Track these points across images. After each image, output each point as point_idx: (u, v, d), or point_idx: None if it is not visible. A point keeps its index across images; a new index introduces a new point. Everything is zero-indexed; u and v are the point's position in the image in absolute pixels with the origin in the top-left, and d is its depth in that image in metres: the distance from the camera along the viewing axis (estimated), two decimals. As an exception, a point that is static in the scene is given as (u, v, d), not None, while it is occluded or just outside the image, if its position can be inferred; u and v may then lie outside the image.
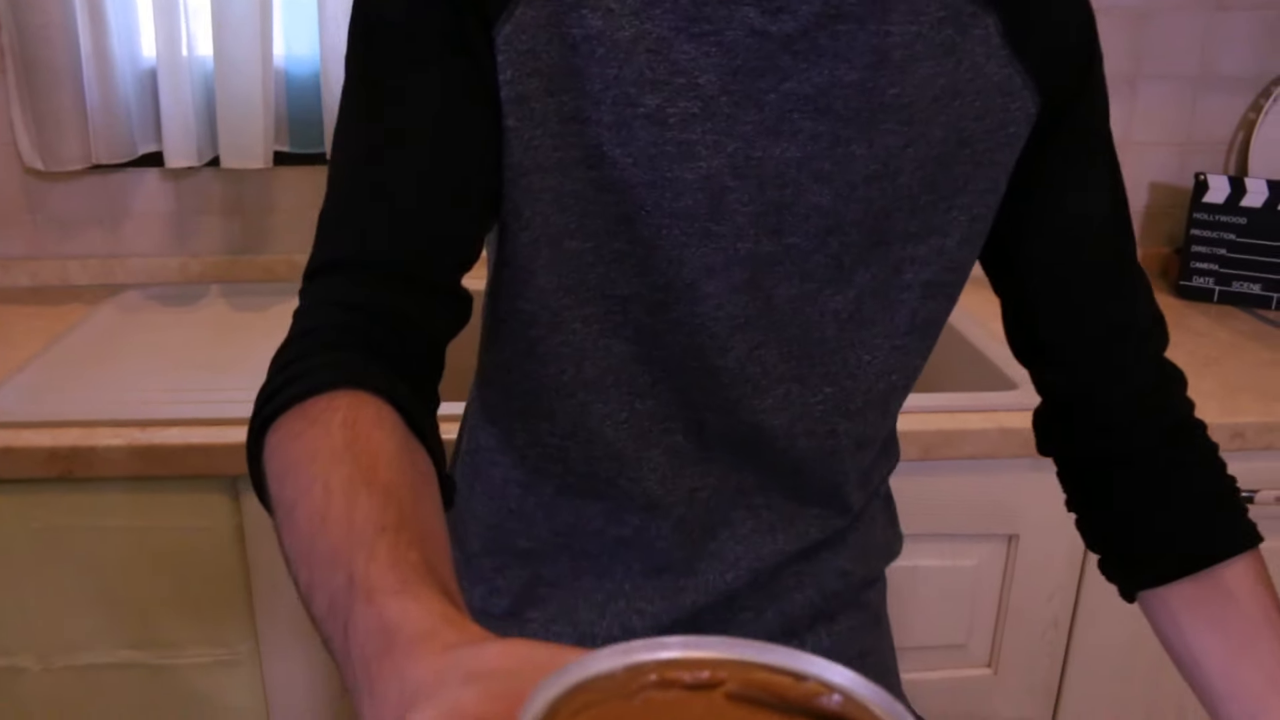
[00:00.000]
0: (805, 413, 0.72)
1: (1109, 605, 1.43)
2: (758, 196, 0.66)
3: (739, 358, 0.69)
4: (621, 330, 0.69)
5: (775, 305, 0.69)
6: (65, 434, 1.27)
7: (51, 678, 1.37)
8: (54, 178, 1.73)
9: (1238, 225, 1.78)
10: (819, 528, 0.79)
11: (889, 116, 0.65)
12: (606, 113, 0.64)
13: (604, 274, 0.68)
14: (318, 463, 0.51)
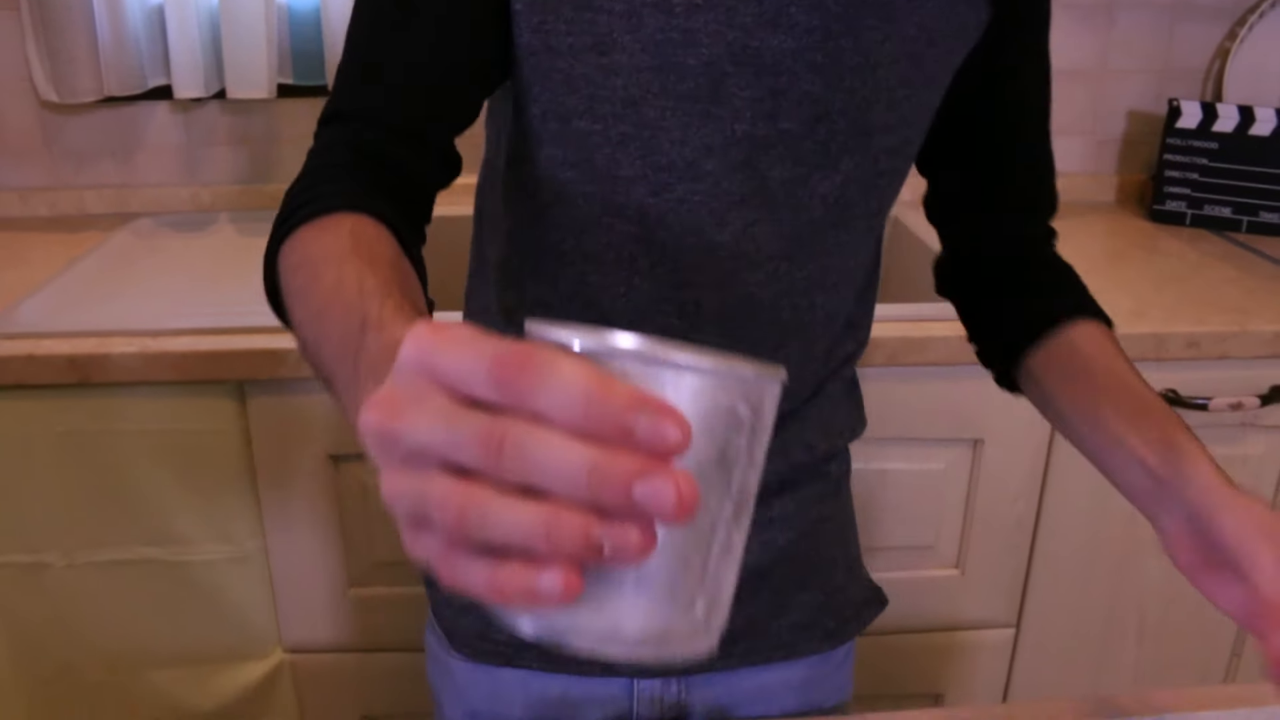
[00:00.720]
0: (791, 286, 0.79)
1: (1072, 507, 1.52)
2: (754, 83, 0.71)
3: (735, 233, 0.76)
4: (624, 210, 0.75)
5: (769, 185, 0.75)
6: (82, 343, 1.35)
7: (74, 573, 1.47)
8: (68, 110, 1.81)
9: (1210, 150, 1.83)
10: (788, 399, 0.85)
11: (871, 13, 0.72)
12: (617, 1, 0.69)
13: (610, 155, 0.73)
14: (330, 255, 0.58)
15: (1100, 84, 1.95)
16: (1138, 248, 1.78)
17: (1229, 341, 1.44)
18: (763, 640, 0.91)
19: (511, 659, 0.90)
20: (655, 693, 0.91)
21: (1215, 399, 1.46)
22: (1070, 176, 2.00)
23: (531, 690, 0.91)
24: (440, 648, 0.95)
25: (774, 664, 0.93)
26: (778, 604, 0.91)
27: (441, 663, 0.96)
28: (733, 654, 0.90)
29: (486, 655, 0.91)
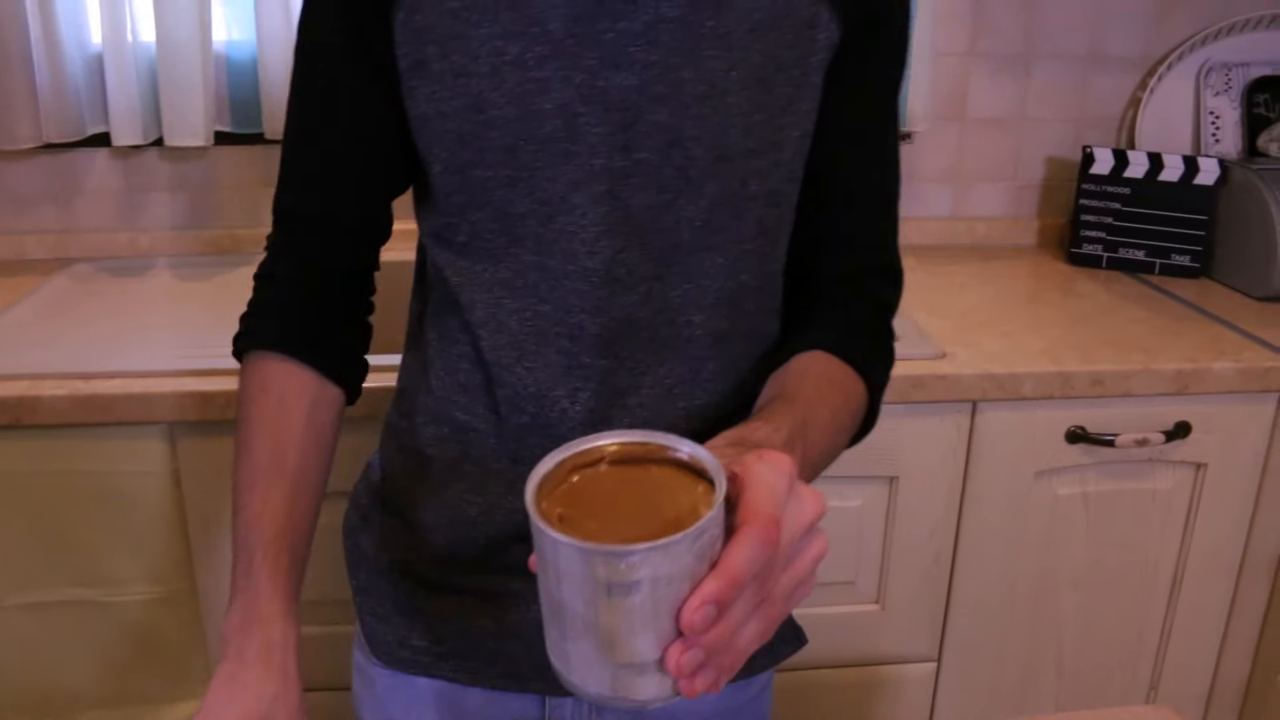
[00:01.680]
0: (665, 306, 0.84)
1: (987, 543, 1.56)
2: (605, 119, 0.79)
3: (605, 259, 0.82)
4: (524, 240, 0.83)
5: (633, 213, 0.82)
6: (13, 385, 1.37)
7: (4, 614, 1.48)
8: (8, 156, 1.83)
9: (1122, 195, 1.90)
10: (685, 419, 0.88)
11: (710, 44, 0.79)
12: (483, 64, 0.79)
13: (503, 195, 0.82)
14: (258, 435, 0.84)
15: (1019, 131, 2.02)
16: (1055, 289, 1.84)
17: (1132, 379, 1.49)
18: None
19: (428, 669, 0.95)
20: (566, 712, 0.95)
21: (1121, 435, 1.51)
22: (993, 221, 2.06)
23: (446, 702, 0.96)
24: (364, 658, 0.99)
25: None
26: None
27: (364, 673, 1.00)
28: None
29: (404, 664, 0.95)
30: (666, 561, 0.51)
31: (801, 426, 0.73)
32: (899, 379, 1.44)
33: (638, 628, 0.52)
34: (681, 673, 0.53)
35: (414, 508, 0.93)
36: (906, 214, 2.00)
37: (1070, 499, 1.56)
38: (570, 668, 0.55)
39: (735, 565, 0.52)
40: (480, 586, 0.92)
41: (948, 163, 2.03)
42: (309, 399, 0.87)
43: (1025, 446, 1.51)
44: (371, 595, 0.97)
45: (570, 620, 0.53)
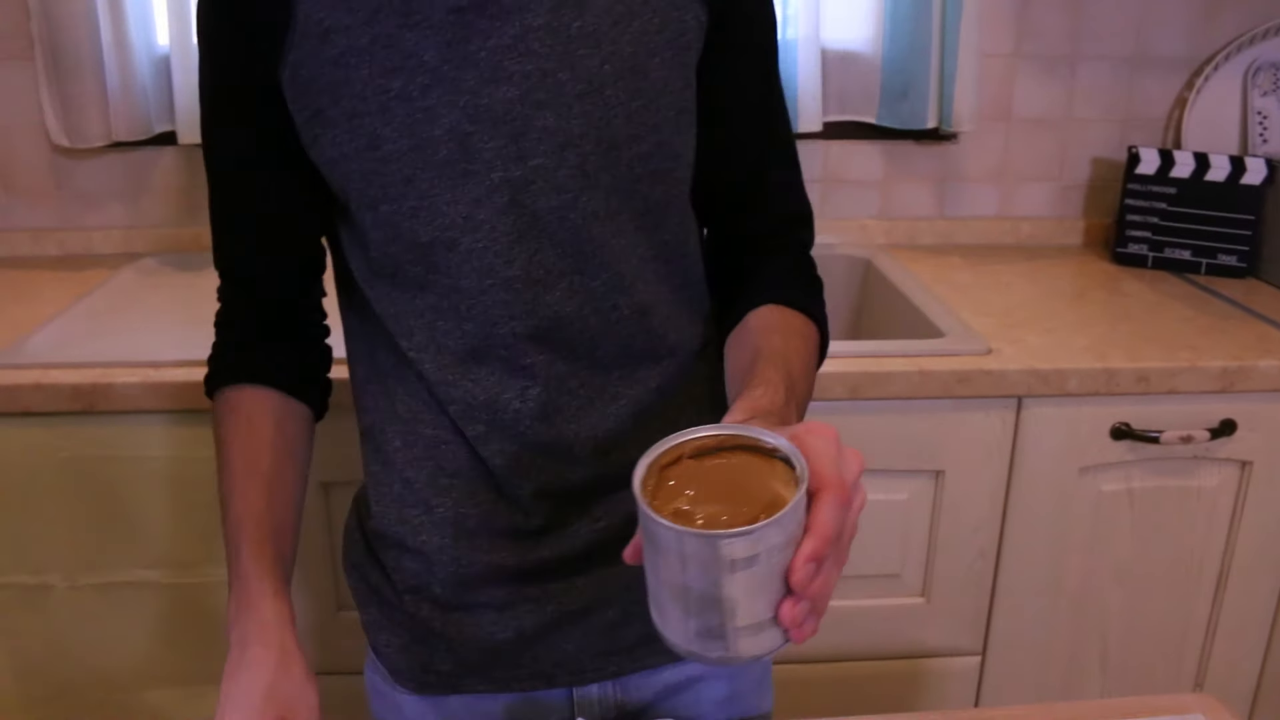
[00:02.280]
0: (589, 295, 0.88)
1: (1032, 537, 1.58)
2: (494, 133, 0.82)
3: (523, 265, 0.86)
4: (438, 266, 0.86)
5: (540, 216, 0.85)
6: (88, 373, 1.43)
7: (76, 594, 1.54)
8: (78, 155, 1.90)
9: (1168, 195, 1.91)
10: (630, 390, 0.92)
11: (580, 44, 0.82)
12: (372, 103, 0.82)
13: (410, 227, 0.85)
14: (232, 448, 0.93)
15: (1065, 132, 2.04)
16: (1100, 288, 1.85)
17: (1178, 377, 1.51)
18: None
19: (456, 686, 0.98)
20: (593, 696, 0.99)
21: (1166, 432, 1.53)
22: (1038, 221, 2.08)
23: (478, 713, 0.99)
24: (385, 684, 1.01)
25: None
26: None
27: (388, 698, 1.02)
28: (658, 650, 0.97)
29: (431, 687, 0.98)
30: (778, 532, 0.59)
31: (788, 380, 0.81)
32: (945, 374, 1.47)
33: (756, 593, 0.60)
34: (795, 623, 0.61)
35: (415, 534, 0.96)
36: (953, 214, 2.04)
37: (1115, 495, 1.58)
38: (693, 639, 0.63)
39: (824, 525, 0.61)
40: (494, 599, 0.95)
41: (993, 163, 2.04)
42: (275, 413, 0.94)
43: (1070, 442, 1.53)
44: (385, 629, 0.99)
45: (695, 599, 0.61)
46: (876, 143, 2.01)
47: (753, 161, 0.96)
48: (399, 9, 0.81)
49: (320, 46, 0.82)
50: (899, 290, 1.78)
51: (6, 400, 1.42)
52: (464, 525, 0.94)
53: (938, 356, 1.49)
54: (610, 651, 0.97)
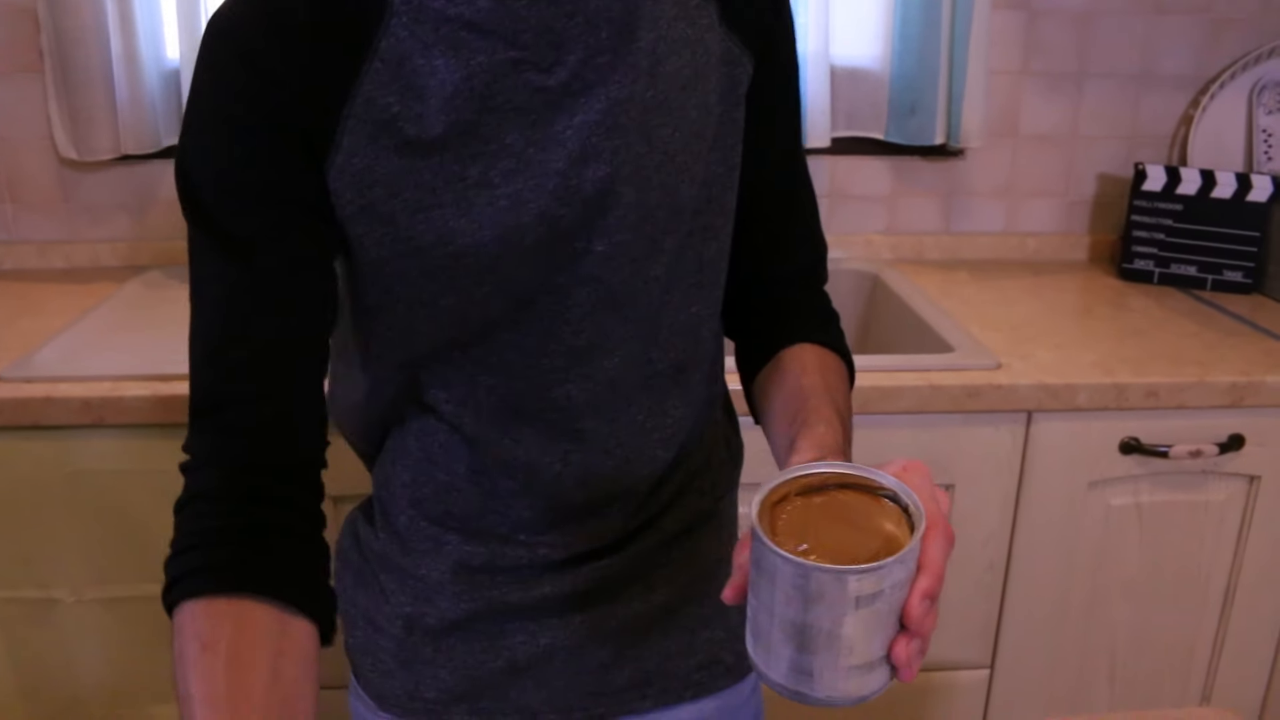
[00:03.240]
0: (637, 357, 0.87)
1: (1041, 550, 1.58)
2: (583, 214, 0.79)
3: (590, 337, 0.84)
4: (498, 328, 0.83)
5: (614, 290, 0.83)
6: (97, 386, 1.43)
7: (83, 608, 1.53)
8: (86, 168, 1.90)
9: (1174, 211, 1.92)
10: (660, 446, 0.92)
11: (655, 115, 0.80)
12: (444, 194, 0.76)
13: (479, 316, 0.81)
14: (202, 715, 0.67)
15: (1071, 148, 2.04)
16: (1106, 304, 1.86)
17: (1187, 392, 1.51)
18: (674, 680, 0.98)
19: (441, 715, 0.95)
20: None
21: (1175, 446, 1.53)
22: (1044, 236, 2.08)
23: None
24: (368, 710, 0.99)
25: (685, 702, 0.99)
26: (686, 643, 0.98)
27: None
28: (647, 695, 0.97)
29: (417, 713, 0.96)
30: (901, 570, 0.60)
31: (840, 417, 0.81)
32: (955, 388, 1.47)
33: (874, 631, 0.61)
34: (907, 663, 0.62)
35: (417, 564, 0.94)
36: (960, 229, 2.05)
37: (1124, 509, 1.58)
38: (801, 678, 0.63)
39: (936, 563, 0.62)
40: (488, 629, 0.94)
41: (1000, 179, 2.05)
42: (269, 650, 0.70)
43: (1079, 457, 1.53)
44: (370, 653, 0.96)
45: (811, 636, 0.61)
46: (884, 158, 2.02)
47: (783, 209, 0.95)
48: (479, 93, 0.75)
49: (380, 134, 0.75)
50: (907, 305, 1.78)
51: (16, 413, 1.42)
52: (469, 563, 0.92)
53: (948, 371, 1.49)
54: (599, 693, 0.96)
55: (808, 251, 0.98)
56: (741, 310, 0.99)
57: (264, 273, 0.76)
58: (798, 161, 0.96)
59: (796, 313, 0.96)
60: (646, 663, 0.96)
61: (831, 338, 0.94)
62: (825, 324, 0.96)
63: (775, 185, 0.94)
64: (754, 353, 0.96)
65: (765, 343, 0.95)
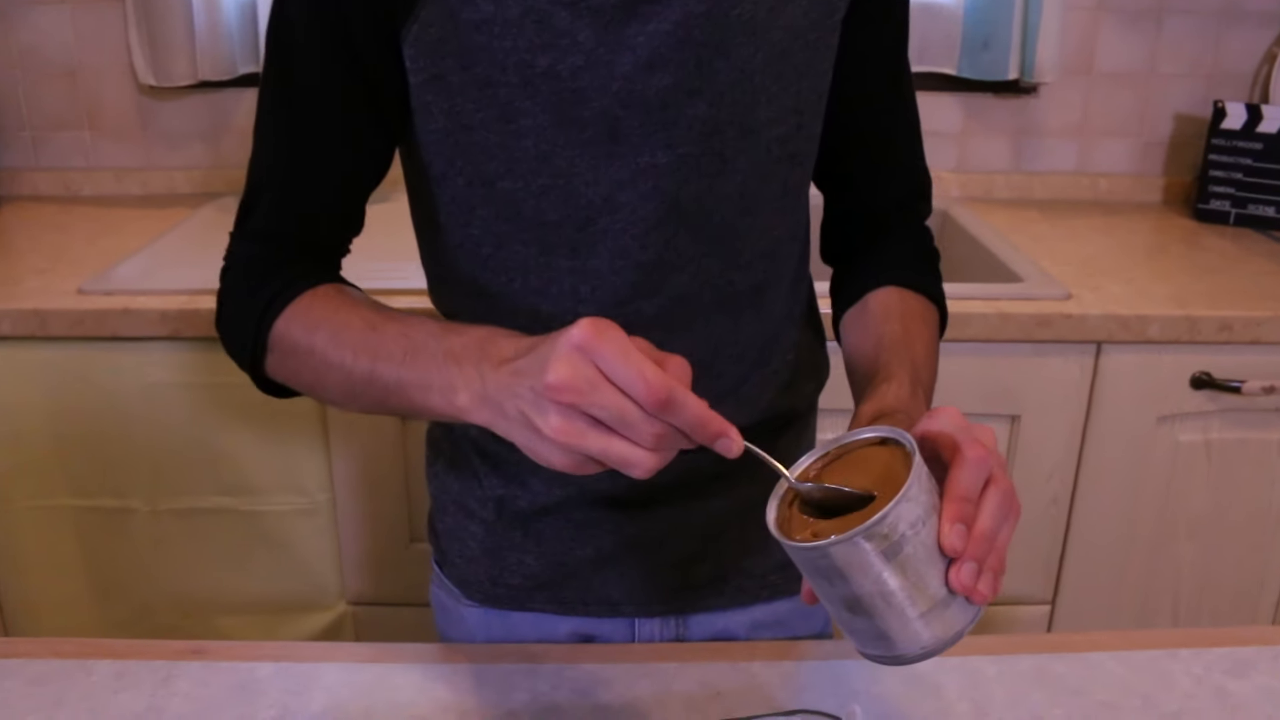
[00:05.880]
0: (710, 277, 0.87)
1: (1106, 486, 1.57)
2: (646, 120, 0.79)
3: (658, 250, 0.84)
4: (558, 248, 0.84)
5: (681, 203, 0.83)
6: (173, 300, 1.46)
7: (156, 519, 1.57)
8: (164, 95, 1.93)
9: (1254, 150, 1.88)
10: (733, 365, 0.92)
11: (738, 31, 0.80)
12: (513, 75, 0.77)
13: (535, 205, 0.81)
14: (340, 309, 0.77)
15: (1147, 87, 2.00)
16: (1180, 243, 1.82)
17: (1263, 326, 1.48)
18: (751, 580, 0.99)
19: (523, 603, 0.97)
20: (655, 631, 0.98)
21: (1248, 382, 1.50)
22: (1116, 177, 2.05)
23: (544, 631, 0.98)
24: (450, 599, 1.01)
25: (760, 602, 1.00)
26: (763, 543, 0.98)
27: (453, 613, 1.02)
28: (724, 593, 0.98)
29: (500, 600, 0.98)
30: (911, 507, 0.59)
31: (913, 369, 0.81)
32: (1024, 317, 1.46)
33: (923, 574, 0.60)
34: (967, 588, 0.61)
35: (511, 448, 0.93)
36: (1030, 168, 2.02)
37: (1192, 446, 1.56)
38: (893, 645, 0.62)
39: (958, 485, 0.61)
40: (576, 517, 0.94)
41: (1074, 117, 2.02)
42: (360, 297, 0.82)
43: (1149, 391, 1.51)
44: (458, 538, 0.98)
45: (872, 605, 0.61)
46: (955, 95, 1.99)
47: (884, 135, 0.94)
48: None
49: (461, 7, 0.77)
50: (976, 239, 1.76)
51: (96, 325, 1.45)
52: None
53: (1018, 300, 1.48)
54: (679, 587, 0.97)
55: (906, 183, 0.97)
56: (837, 240, 0.98)
57: (326, 107, 0.82)
58: (901, 86, 0.94)
59: (891, 248, 0.95)
60: (725, 560, 0.97)
61: (924, 280, 0.93)
62: (920, 264, 0.95)
63: (874, 110, 0.92)
64: (846, 287, 0.95)
65: (857, 278, 0.94)
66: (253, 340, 0.81)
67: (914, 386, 0.79)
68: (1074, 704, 0.87)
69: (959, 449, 0.62)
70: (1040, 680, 0.89)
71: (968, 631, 0.63)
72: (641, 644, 0.98)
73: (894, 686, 0.88)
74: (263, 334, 0.81)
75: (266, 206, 0.86)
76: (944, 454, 0.63)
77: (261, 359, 0.82)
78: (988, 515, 0.62)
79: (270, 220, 0.86)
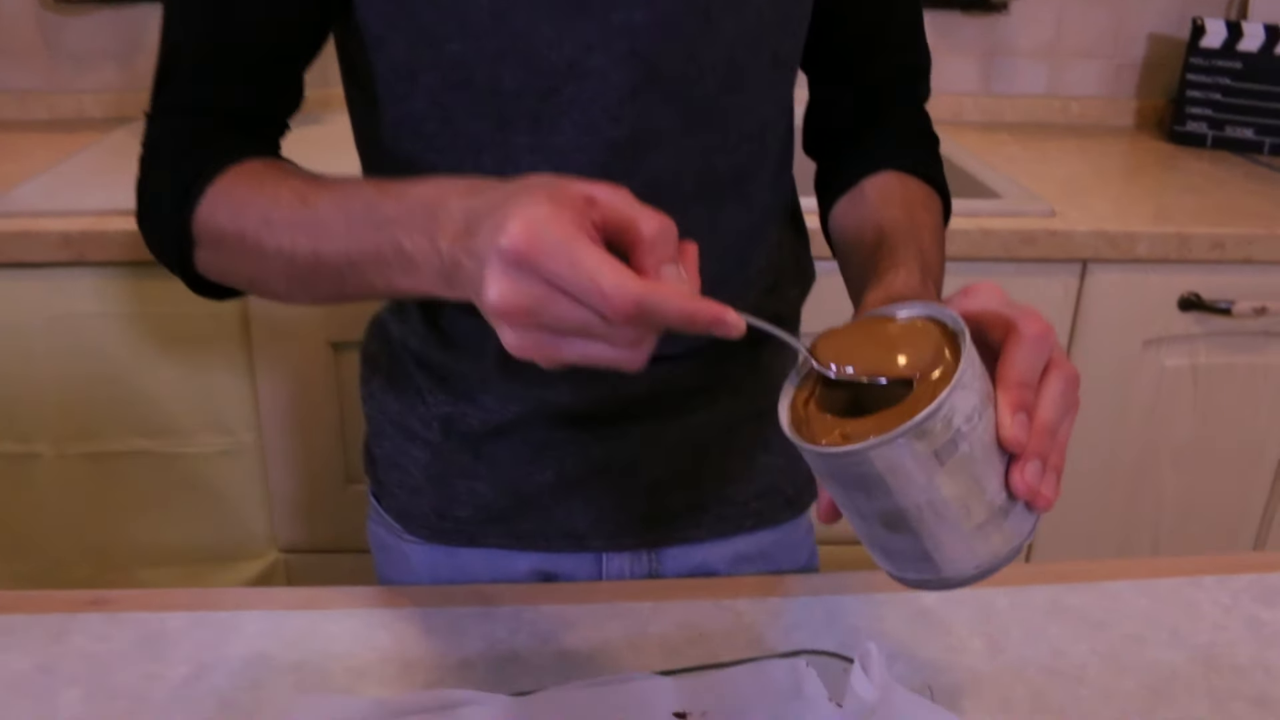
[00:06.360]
0: (690, 159, 0.76)
1: (1089, 411, 1.48)
2: None
3: (632, 126, 0.72)
4: (516, 123, 0.72)
5: (660, 71, 0.71)
6: (77, 221, 1.32)
7: (65, 464, 1.44)
8: (69, 11, 1.77)
9: (1233, 70, 1.80)
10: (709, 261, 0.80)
11: None
12: None
13: (489, 71, 0.70)
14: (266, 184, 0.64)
15: (1122, 6, 1.92)
16: (1158, 165, 1.75)
17: (1255, 244, 1.41)
18: (731, 507, 0.88)
19: (474, 538, 0.86)
20: (624, 567, 0.88)
21: (1238, 303, 1.43)
22: (1087, 100, 1.97)
23: (498, 570, 0.87)
24: (390, 536, 0.90)
25: (742, 533, 0.90)
26: (745, 466, 0.88)
27: (394, 552, 0.90)
28: (702, 523, 0.87)
29: (447, 535, 0.87)
30: (966, 395, 0.49)
31: (921, 258, 0.70)
32: (1007, 233, 1.37)
33: (981, 473, 0.50)
34: (1031, 490, 0.51)
35: (459, 358, 0.83)
36: (1000, 91, 1.93)
37: (1178, 371, 1.48)
38: (942, 565, 0.53)
39: (1017, 368, 0.51)
40: (535, 436, 0.83)
41: (1045, 37, 1.93)
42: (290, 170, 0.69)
43: (1135, 312, 1.43)
44: (398, 465, 0.87)
45: (919, 519, 0.51)
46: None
47: (882, 3, 0.83)
48: None
49: None
50: (948, 159, 1.66)
51: (-10, 250, 1.31)
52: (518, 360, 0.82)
53: (1000, 217, 1.39)
54: (653, 516, 0.86)
55: (906, 57, 0.86)
56: (825, 127, 0.87)
57: None
58: None
59: (888, 130, 0.85)
60: (704, 486, 0.87)
61: (926, 165, 0.83)
62: (920, 147, 0.84)
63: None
64: (835, 177, 0.84)
65: (849, 165, 0.83)
66: (176, 231, 0.68)
67: (924, 276, 0.68)
68: (1098, 638, 0.78)
69: (1014, 325, 0.52)
70: (1057, 613, 0.80)
71: (1025, 546, 0.53)
72: (610, 582, 0.87)
73: (897, 624, 0.78)
74: (186, 222, 0.67)
75: (184, 74, 0.73)
76: (992, 334, 0.53)
77: (189, 254, 0.69)
78: (1050, 404, 0.51)
79: (190, 90, 0.73)
